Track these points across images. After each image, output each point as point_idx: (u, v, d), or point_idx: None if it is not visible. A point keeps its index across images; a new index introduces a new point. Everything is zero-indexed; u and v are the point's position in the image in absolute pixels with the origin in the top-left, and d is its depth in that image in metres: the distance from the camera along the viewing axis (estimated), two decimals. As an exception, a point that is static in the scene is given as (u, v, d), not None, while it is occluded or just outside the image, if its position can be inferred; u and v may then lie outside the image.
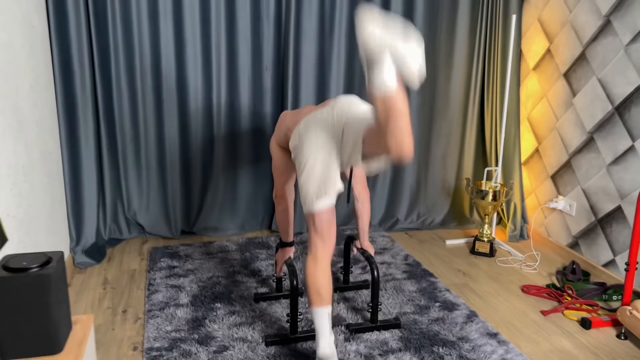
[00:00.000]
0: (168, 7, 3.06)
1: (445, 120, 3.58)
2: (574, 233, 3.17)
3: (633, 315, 2.30)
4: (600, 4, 2.89)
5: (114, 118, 3.15)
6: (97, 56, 3.02)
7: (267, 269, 2.97)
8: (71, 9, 2.86)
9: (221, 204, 3.44)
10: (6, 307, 1.21)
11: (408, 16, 3.35)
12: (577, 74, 3.08)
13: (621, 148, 2.81)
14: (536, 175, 3.48)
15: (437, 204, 3.70)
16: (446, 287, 2.80)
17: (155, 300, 2.61)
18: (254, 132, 3.37)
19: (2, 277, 1.20)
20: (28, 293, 1.21)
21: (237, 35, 3.19)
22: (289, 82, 3.26)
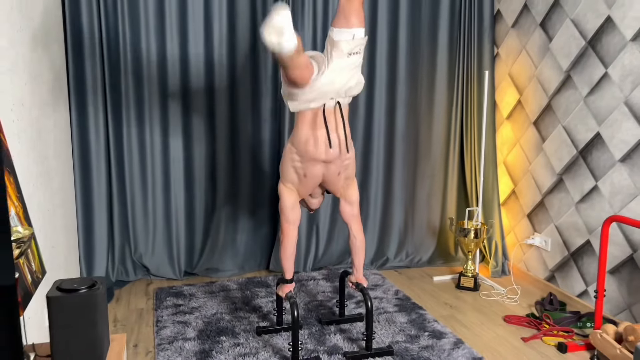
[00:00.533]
0: (176, 82, 3.38)
1: (429, 165, 3.89)
2: (550, 267, 3.43)
3: (603, 337, 2.54)
4: (561, 61, 3.26)
5: (124, 169, 3.41)
6: (111, 113, 3.31)
7: (267, 305, 3.18)
8: (89, 83, 3.18)
9: (222, 246, 3.67)
10: (59, 324, 1.44)
11: (392, 73, 3.71)
12: (545, 122, 3.42)
13: (586, 188, 3.12)
14: (514, 215, 3.77)
15: (424, 243, 3.96)
16: (434, 319, 3.02)
17: (164, 335, 2.80)
18: (252, 180, 3.65)
19: (57, 297, 1.43)
20: (78, 311, 1.44)
21: (238, 92, 3.51)
22: (285, 133, 3.57)
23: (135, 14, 3.27)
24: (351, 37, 2.39)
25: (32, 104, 2.23)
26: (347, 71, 2.43)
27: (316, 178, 2.56)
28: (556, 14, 3.28)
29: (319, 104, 2.46)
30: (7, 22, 1.93)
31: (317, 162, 2.52)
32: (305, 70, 2.33)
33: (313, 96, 2.42)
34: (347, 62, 2.43)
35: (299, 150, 2.51)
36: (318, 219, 3.76)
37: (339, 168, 2.57)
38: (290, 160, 2.54)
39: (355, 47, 2.41)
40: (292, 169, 2.55)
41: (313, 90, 2.40)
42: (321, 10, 3.53)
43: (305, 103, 2.45)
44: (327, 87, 2.41)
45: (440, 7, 3.72)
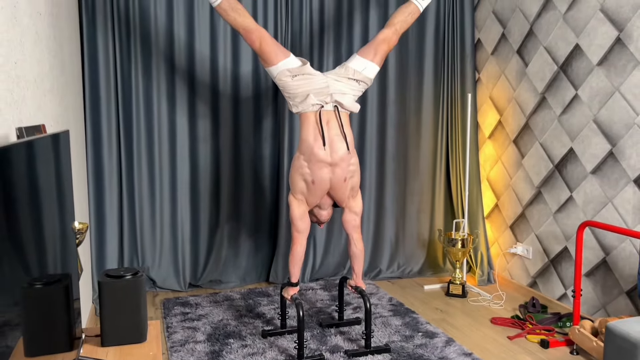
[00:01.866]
0: (183, 98, 3.64)
1: (417, 182, 4.16)
2: (532, 273, 3.70)
3: (581, 332, 2.79)
4: (536, 83, 3.59)
5: (134, 187, 3.63)
6: (123, 136, 3.54)
7: (269, 312, 3.38)
8: (104, 111, 3.42)
9: (225, 260, 3.87)
10: (108, 306, 1.65)
11: (382, 96, 4.01)
12: (524, 140, 3.73)
13: (562, 198, 3.41)
14: (497, 226, 4.04)
15: (415, 255, 4.21)
16: (427, 321, 3.25)
17: (175, 339, 2.99)
18: (254, 196, 3.88)
19: (107, 282, 1.65)
20: (125, 294, 1.66)
21: (241, 114, 3.77)
22: (284, 152, 3.82)
23: (146, 38, 3.54)
24: (362, 68, 2.85)
25: (56, 123, 2.46)
26: (339, 85, 2.81)
27: (324, 184, 2.78)
28: (531, 42, 3.62)
29: (313, 106, 2.75)
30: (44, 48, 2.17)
31: (323, 164, 2.75)
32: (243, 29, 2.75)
33: (298, 92, 2.76)
34: (346, 80, 2.82)
35: (305, 154, 2.75)
36: (315, 232, 3.99)
37: (344, 173, 2.80)
38: (299, 167, 2.78)
39: (358, 77, 2.84)
40: (301, 176, 2.78)
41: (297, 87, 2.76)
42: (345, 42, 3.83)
43: (301, 104, 2.75)
44: (307, 87, 2.75)
45: (425, 36, 4.06)
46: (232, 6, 2.75)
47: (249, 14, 2.80)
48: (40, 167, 1.25)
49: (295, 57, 2.82)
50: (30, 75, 1.87)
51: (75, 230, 1.65)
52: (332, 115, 2.79)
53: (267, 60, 2.78)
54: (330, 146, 2.76)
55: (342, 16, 3.88)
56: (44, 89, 2.09)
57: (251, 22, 2.78)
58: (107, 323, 1.65)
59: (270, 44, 2.76)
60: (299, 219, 2.83)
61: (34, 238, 1.23)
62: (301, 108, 2.78)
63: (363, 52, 2.89)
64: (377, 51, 2.88)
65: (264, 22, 3.74)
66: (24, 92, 1.76)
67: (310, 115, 2.76)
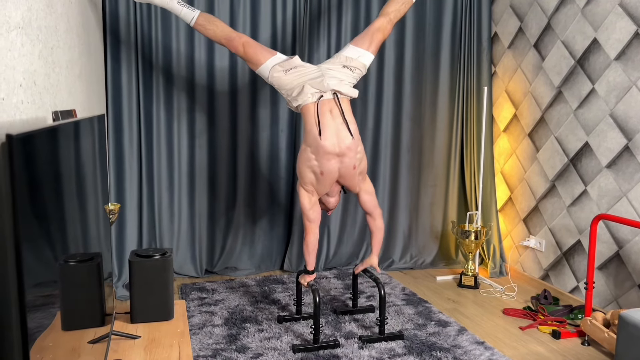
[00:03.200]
0: (202, 87, 3.70)
1: (432, 174, 4.20)
2: (544, 266, 3.73)
3: (593, 323, 2.83)
4: (553, 78, 3.61)
5: (153, 175, 3.70)
6: (143, 123, 3.61)
7: (284, 299, 3.45)
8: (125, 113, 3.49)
9: (241, 247, 3.94)
10: (138, 284, 1.71)
11: (398, 89, 4.05)
12: (539, 133, 3.75)
13: (577, 192, 3.43)
14: (510, 220, 4.07)
15: (427, 247, 4.25)
16: (439, 311, 3.30)
17: (194, 322, 3.06)
18: (270, 185, 3.94)
19: (137, 261, 1.71)
20: (154, 273, 1.72)
21: (259, 105, 3.83)
22: (300, 142, 3.87)
23: (167, 21, 3.60)
24: (357, 56, 2.87)
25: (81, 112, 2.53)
26: (333, 73, 2.83)
27: (333, 174, 2.80)
28: (548, 36, 3.64)
29: (312, 95, 2.77)
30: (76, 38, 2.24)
31: (331, 156, 2.75)
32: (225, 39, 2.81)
33: (294, 86, 2.79)
34: (340, 68, 2.85)
35: (312, 146, 2.76)
36: (329, 221, 4.04)
37: (353, 161, 2.80)
38: (307, 160, 2.79)
39: (352, 64, 2.87)
40: (309, 168, 2.80)
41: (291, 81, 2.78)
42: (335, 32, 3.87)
43: (299, 96, 2.78)
44: (301, 78, 2.78)
45: (442, 30, 4.08)
46: (208, 19, 2.81)
47: (225, 24, 2.87)
48: (83, 147, 1.31)
49: (281, 54, 2.86)
50: (63, 60, 1.94)
51: (109, 210, 1.71)
52: (333, 104, 2.79)
53: (254, 62, 2.82)
54: (336, 136, 2.75)
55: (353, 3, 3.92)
56: (74, 74, 2.16)
57: (230, 30, 2.83)
58: (136, 301, 1.71)
59: (253, 46, 2.80)
60: (310, 208, 2.87)
61: (74, 216, 1.29)
62: (300, 100, 2.78)
63: (357, 41, 2.92)
64: (372, 40, 2.90)
65: (282, 7, 3.78)
66: (58, 77, 1.82)
67: (311, 106, 2.77)
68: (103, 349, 1.55)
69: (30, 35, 1.48)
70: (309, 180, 2.84)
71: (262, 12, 3.75)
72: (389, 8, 2.98)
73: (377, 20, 2.96)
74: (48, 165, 1.02)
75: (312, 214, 2.89)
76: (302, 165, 2.84)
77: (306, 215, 2.89)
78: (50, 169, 1.05)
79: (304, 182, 2.87)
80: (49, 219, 1.07)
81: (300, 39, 3.80)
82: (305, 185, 2.86)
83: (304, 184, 2.87)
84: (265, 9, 3.75)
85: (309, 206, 2.88)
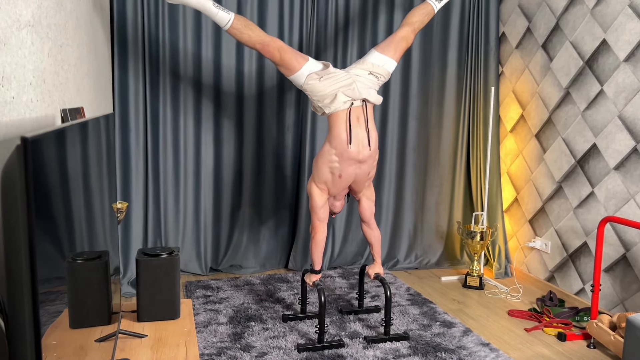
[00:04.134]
0: (209, 88, 3.70)
1: (437, 174, 4.19)
2: (550, 268, 3.71)
3: (599, 326, 2.81)
4: (561, 78, 3.59)
5: (159, 172, 3.70)
6: (150, 122, 3.61)
7: (289, 297, 3.45)
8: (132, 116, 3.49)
9: (245, 245, 3.94)
10: (145, 283, 1.71)
11: (405, 88, 4.03)
12: (546, 134, 3.73)
13: (584, 194, 3.42)
14: (516, 221, 4.06)
15: (432, 247, 4.24)
16: (444, 311, 3.29)
17: (199, 320, 3.06)
18: (275, 184, 3.94)
19: (144, 260, 1.71)
20: (161, 272, 1.72)
21: (265, 103, 3.82)
22: (306, 141, 3.87)
23: (174, 19, 3.59)
24: (382, 63, 2.87)
25: (90, 108, 2.53)
26: (362, 79, 2.83)
27: (350, 178, 2.85)
28: (557, 36, 3.62)
29: (344, 103, 2.77)
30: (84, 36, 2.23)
31: (353, 162, 2.80)
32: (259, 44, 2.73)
33: (327, 93, 2.76)
34: (366, 75, 2.84)
35: (338, 149, 2.78)
36: (334, 221, 4.04)
37: (369, 168, 2.86)
38: (329, 161, 2.81)
39: (378, 71, 2.87)
40: (329, 169, 2.82)
41: (325, 87, 2.75)
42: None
43: (332, 104, 2.76)
44: (334, 85, 2.76)
45: (450, 29, 4.06)
46: (244, 23, 2.71)
47: (259, 27, 2.81)
48: (92, 147, 1.31)
49: (314, 59, 2.84)
50: (72, 58, 1.93)
51: (116, 209, 1.71)
52: (361, 111, 2.81)
53: (290, 68, 2.76)
54: (361, 143, 2.79)
55: (367, 10, 3.90)
56: (82, 72, 2.16)
57: (265, 35, 2.75)
58: (143, 299, 1.71)
59: (289, 52, 2.75)
60: (321, 207, 2.88)
61: (83, 215, 1.29)
62: (333, 108, 2.77)
63: (382, 48, 2.91)
64: (397, 48, 2.92)
65: (289, 12, 3.77)
66: (67, 75, 1.82)
67: (342, 113, 2.78)
68: (110, 347, 1.55)
69: (40, 33, 1.48)
70: (324, 179, 2.85)
71: (269, 19, 3.74)
72: (413, 18, 3.00)
73: (401, 29, 2.97)
74: (59, 166, 1.02)
75: (323, 213, 2.90)
76: (322, 164, 2.84)
77: (316, 213, 2.89)
78: (61, 169, 1.05)
79: (318, 180, 2.87)
80: (60, 219, 1.07)
81: (307, 46, 3.80)
82: (319, 184, 2.87)
83: (318, 182, 2.87)
84: (273, 15, 3.74)
85: (321, 204, 2.88)
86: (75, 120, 1.78)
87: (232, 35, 2.70)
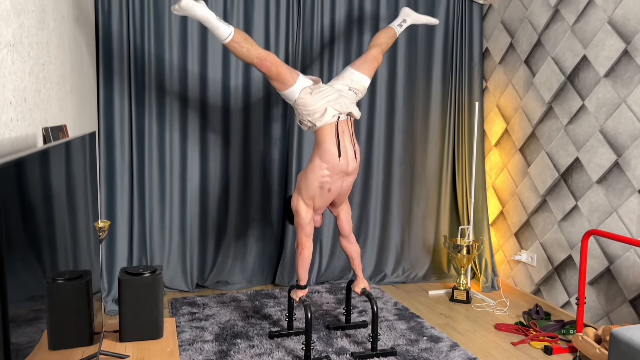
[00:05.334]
0: (195, 103, 3.70)
1: (424, 187, 4.21)
2: (536, 281, 3.73)
3: (584, 339, 2.83)
4: (543, 93, 3.64)
5: (145, 187, 3.68)
6: (135, 138, 3.60)
7: (276, 313, 3.42)
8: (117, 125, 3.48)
9: (232, 261, 3.92)
10: (127, 302, 1.70)
11: (390, 102, 4.06)
12: (530, 148, 3.78)
13: (568, 207, 3.45)
14: (502, 234, 4.08)
15: (420, 260, 4.25)
16: (431, 326, 3.29)
17: (184, 338, 3.03)
18: (262, 199, 3.93)
19: (126, 279, 1.69)
20: (143, 291, 1.70)
21: (251, 117, 3.83)
22: (293, 155, 3.87)
23: (160, 35, 3.60)
24: (360, 80, 2.96)
25: (74, 126, 2.51)
26: (344, 96, 2.88)
27: (337, 191, 2.88)
28: (539, 52, 3.67)
29: (333, 117, 2.80)
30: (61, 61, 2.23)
31: (342, 174, 2.84)
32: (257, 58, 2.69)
33: (317, 107, 2.78)
34: (347, 90, 2.91)
35: (329, 164, 2.80)
36: (321, 235, 4.03)
37: (353, 180, 2.91)
38: (320, 175, 2.82)
39: (356, 87, 2.95)
40: (319, 184, 2.83)
41: (316, 102, 2.78)
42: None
43: (322, 118, 2.79)
44: (323, 100, 2.79)
45: (434, 44, 4.11)
46: (245, 37, 2.69)
47: (256, 43, 2.83)
48: (73, 167, 1.30)
49: (302, 74, 2.87)
50: (55, 76, 1.93)
51: (98, 227, 1.69)
52: (345, 125, 2.86)
53: (285, 83, 2.76)
54: (349, 156, 2.84)
55: (352, 26, 3.94)
56: (65, 89, 2.15)
57: (262, 50, 2.75)
58: (126, 319, 1.69)
59: (284, 66, 2.76)
60: (308, 223, 2.88)
61: (64, 235, 1.28)
62: (323, 122, 2.79)
63: (357, 66, 2.99)
64: (370, 67, 3.02)
65: (275, 28, 3.80)
66: (49, 93, 1.81)
67: (330, 127, 2.81)
68: (91, 369, 1.53)
69: (21, 53, 1.48)
70: (313, 194, 2.85)
71: (255, 32, 3.76)
72: (380, 40, 3.14)
73: (371, 50, 3.07)
74: (37, 187, 1.01)
75: (309, 229, 2.90)
76: (313, 179, 2.84)
77: (304, 229, 2.88)
78: (39, 190, 1.04)
79: (306, 196, 2.87)
80: (38, 240, 1.06)
81: (294, 60, 3.82)
82: (307, 199, 2.87)
83: (306, 198, 2.87)
84: (259, 29, 3.77)
85: (308, 220, 2.88)
86: (57, 138, 1.77)
87: (231, 49, 2.68)
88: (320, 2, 3.84)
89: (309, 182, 2.85)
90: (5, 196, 0.77)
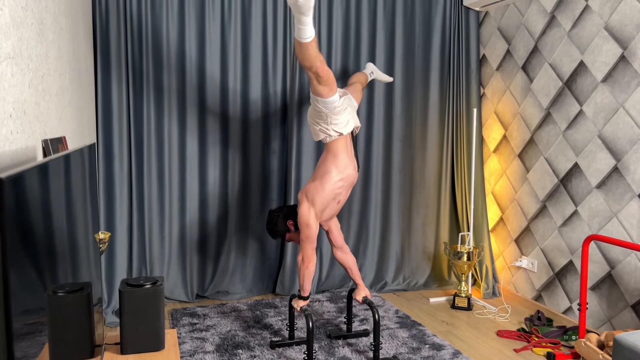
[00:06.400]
0: (193, 112, 3.70)
1: (423, 195, 4.21)
2: (537, 287, 3.72)
3: (587, 345, 2.81)
4: (541, 99, 3.65)
5: (144, 198, 3.67)
6: (134, 149, 3.60)
7: (277, 323, 3.41)
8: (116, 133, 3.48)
9: (232, 271, 3.90)
10: (128, 314, 1.68)
11: (389, 110, 4.07)
12: (529, 154, 3.78)
13: (567, 212, 3.45)
14: (502, 240, 4.08)
15: (420, 268, 4.24)
16: (433, 333, 3.28)
17: (185, 349, 3.01)
18: (261, 208, 3.92)
19: (127, 291, 1.68)
20: (145, 302, 1.69)
21: (250, 128, 3.83)
22: (292, 166, 3.87)
23: (158, 45, 3.61)
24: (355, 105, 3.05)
25: (73, 136, 2.51)
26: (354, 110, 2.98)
27: (343, 203, 2.95)
28: (536, 58, 3.69)
29: (350, 128, 2.85)
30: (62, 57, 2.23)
31: (351, 186, 2.91)
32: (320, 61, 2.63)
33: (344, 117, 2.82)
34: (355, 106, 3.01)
35: (343, 174, 2.84)
36: (322, 244, 4.02)
37: (351, 189, 2.96)
38: (336, 187, 2.83)
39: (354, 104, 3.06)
40: (334, 195, 2.85)
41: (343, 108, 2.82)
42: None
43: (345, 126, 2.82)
44: (349, 113, 2.86)
45: (431, 51, 4.13)
46: (316, 40, 2.64)
47: None
48: (73, 179, 1.29)
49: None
50: (54, 88, 1.93)
51: (99, 239, 1.69)
52: (350, 138, 2.93)
53: (333, 89, 2.72)
54: (355, 168, 2.91)
55: (349, 32, 3.95)
56: (64, 101, 2.15)
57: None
58: (127, 331, 1.68)
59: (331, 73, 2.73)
60: (316, 235, 2.88)
61: (64, 248, 1.27)
62: (345, 130, 2.82)
63: (350, 91, 3.13)
64: (358, 97, 3.18)
65: (273, 35, 3.81)
66: (48, 105, 1.81)
67: (345, 138, 2.86)
68: (92, 382, 1.51)
69: (20, 65, 1.47)
70: (325, 205, 2.87)
71: (253, 45, 3.78)
72: (360, 78, 3.38)
73: (356, 85, 3.27)
74: (38, 200, 1.01)
75: (315, 241, 2.91)
76: (328, 191, 2.82)
77: (313, 242, 2.87)
78: (40, 203, 1.03)
79: (320, 208, 2.85)
80: (40, 252, 1.05)
81: (292, 68, 3.83)
82: (319, 212, 2.87)
83: (318, 210, 2.86)
84: (256, 39, 3.78)
85: (316, 233, 2.88)
86: (57, 150, 1.77)
87: (302, 48, 2.58)
88: (317, 9, 3.86)
89: (325, 193, 2.83)
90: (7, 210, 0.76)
